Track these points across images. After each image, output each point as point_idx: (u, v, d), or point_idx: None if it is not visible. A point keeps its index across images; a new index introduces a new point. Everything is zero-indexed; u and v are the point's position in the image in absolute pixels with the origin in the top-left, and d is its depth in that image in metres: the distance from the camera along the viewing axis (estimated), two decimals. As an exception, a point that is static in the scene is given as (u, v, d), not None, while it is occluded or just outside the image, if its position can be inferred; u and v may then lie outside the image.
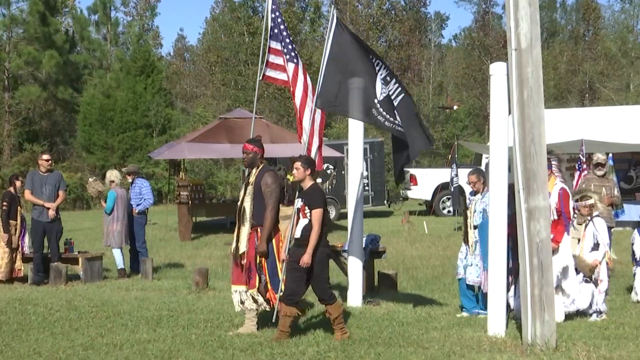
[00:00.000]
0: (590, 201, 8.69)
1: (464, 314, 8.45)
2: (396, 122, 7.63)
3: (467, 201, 8.63)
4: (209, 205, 20.99)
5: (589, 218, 8.67)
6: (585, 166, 13.69)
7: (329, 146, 20.62)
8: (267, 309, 7.50)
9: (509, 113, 7.20)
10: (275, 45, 8.37)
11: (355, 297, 9.16)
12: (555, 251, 7.59)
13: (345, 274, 9.64)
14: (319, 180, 19.59)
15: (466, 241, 8.51)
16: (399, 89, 7.68)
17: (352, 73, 7.65)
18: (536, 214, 6.80)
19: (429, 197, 24.49)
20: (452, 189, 20.61)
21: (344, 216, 19.49)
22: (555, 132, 15.24)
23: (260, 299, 7.43)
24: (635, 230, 9.42)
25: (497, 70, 7.28)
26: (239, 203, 7.51)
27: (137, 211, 12.39)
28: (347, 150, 12.57)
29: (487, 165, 9.82)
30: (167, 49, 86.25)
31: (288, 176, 19.65)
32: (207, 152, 19.82)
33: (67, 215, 21.53)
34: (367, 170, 23.63)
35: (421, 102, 42.73)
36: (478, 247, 8.32)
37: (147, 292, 10.46)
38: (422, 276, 11.80)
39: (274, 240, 7.41)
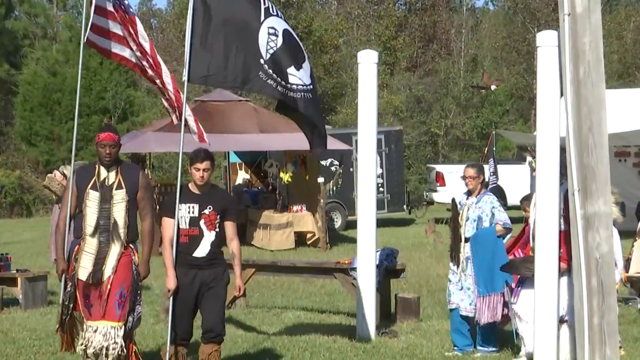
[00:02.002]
0: None
1: (456, 352, 8.43)
2: (289, 85, 7.55)
3: (458, 205, 8.56)
4: (182, 211, 20.90)
5: None
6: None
7: (334, 136, 20.57)
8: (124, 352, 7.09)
9: (561, 95, 7.19)
10: (101, 2, 7.49)
11: (366, 326, 9.16)
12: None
13: (355, 297, 9.64)
14: (320, 179, 19.64)
15: (454, 258, 8.48)
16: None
17: (228, 32, 7.45)
18: (595, 223, 6.79)
19: (459, 201, 24.43)
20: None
21: (352, 225, 19.48)
22: (619, 119, 15.22)
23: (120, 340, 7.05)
24: None
25: (546, 41, 7.29)
26: (93, 214, 6.91)
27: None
28: (356, 141, 12.56)
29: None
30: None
31: (281, 174, 19.77)
32: (179, 144, 19.76)
33: (2, 224, 21.56)
34: (381, 167, 23.60)
35: (450, 81, 42.67)
36: (470, 266, 8.33)
37: (104, 321, 10.44)
38: (451, 301, 11.78)
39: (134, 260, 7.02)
